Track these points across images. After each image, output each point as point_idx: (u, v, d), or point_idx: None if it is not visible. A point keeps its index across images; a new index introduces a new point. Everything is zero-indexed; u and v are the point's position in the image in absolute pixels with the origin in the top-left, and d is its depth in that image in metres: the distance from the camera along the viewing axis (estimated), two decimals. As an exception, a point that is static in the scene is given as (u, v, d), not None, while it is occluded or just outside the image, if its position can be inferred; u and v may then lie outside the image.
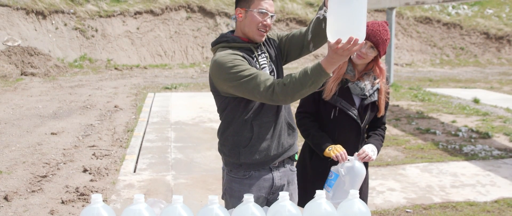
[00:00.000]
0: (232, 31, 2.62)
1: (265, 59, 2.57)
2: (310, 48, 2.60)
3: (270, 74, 2.56)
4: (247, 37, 2.53)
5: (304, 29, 2.61)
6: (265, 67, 2.54)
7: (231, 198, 2.61)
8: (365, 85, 2.96)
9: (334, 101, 2.94)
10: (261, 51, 2.57)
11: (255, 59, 2.52)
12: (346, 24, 2.07)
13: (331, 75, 2.28)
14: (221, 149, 2.65)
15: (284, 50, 2.66)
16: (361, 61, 2.93)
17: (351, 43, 2.05)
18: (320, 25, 2.48)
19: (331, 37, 2.10)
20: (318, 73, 2.19)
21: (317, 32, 2.51)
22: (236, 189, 2.59)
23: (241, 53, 2.45)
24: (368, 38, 2.84)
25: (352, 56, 2.92)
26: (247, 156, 2.54)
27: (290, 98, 2.29)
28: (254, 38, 2.51)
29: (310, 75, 2.21)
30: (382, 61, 3.05)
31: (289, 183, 2.73)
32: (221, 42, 2.53)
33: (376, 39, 2.86)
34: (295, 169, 2.82)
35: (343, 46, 2.07)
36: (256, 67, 2.49)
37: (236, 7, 2.52)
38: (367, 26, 2.78)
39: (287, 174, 2.71)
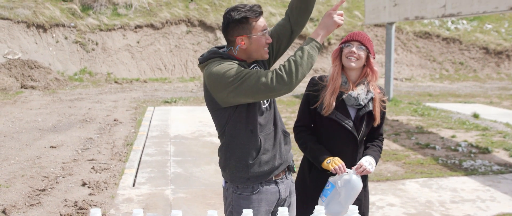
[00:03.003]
0: (221, 47, 2.62)
1: None
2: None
3: None
4: (254, 59, 2.58)
5: (284, 18, 2.69)
6: None
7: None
8: (358, 94, 2.97)
9: (330, 113, 2.95)
10: (255, 64, 2.63)
11: None
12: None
13: (320, 45, 2.45)
14: (226, 164, 2.60)
15: (275, 46, 2.70)
16: (355, 63, 2.95)
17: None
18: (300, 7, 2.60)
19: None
20: (312, 46, 2.41)
21: (297, 12, 2.63)
22: (244, 205, 2.57)
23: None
24: (352, 39, 2.95)
25: (344, 62, 2.97)
26: (255, 169, 2.55)
27: (294, 76, 2.34)
28: (262, 57, 2.58)
29: (305, 49, 2.39)
30: (378, 70, 3.08)
31: (291, 193, 2.78)
32: (213, 58, 2.53)
33: (360, 38, 2.94)
34: (293, 178, 2.88)
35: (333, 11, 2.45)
36: None
37: (235, 36, 2.49)
38: (348, 35, 3.02)
39: (289, 185, 2.77)
